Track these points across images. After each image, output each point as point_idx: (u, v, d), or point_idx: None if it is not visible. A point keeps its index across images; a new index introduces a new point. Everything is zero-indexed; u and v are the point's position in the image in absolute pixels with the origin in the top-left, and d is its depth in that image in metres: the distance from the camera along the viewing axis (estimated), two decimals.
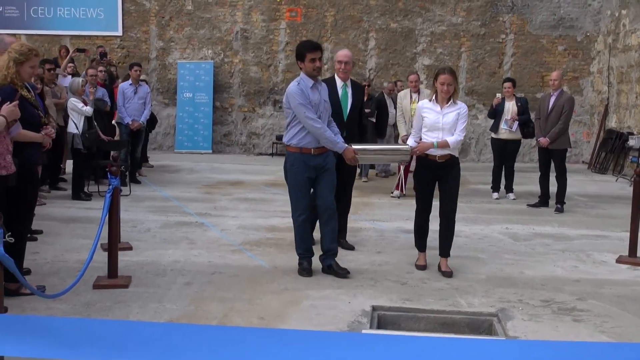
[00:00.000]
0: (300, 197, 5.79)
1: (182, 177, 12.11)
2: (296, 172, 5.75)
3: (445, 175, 5.93)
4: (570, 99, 9.58)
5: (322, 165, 5.78)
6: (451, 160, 5.92)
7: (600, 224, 8.54)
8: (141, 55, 16.64)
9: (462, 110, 5.89)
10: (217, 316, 4.76)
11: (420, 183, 6.05)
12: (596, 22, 16.09)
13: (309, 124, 5.60)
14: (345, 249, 6.67)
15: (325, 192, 5.82)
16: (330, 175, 5.87)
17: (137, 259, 6.17)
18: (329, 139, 5.68)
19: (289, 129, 5.79)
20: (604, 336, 4.58)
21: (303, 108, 5.59)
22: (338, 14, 16.42)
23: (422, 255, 6.20)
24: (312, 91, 5.69)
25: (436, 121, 5.86)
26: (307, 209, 5.84)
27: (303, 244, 5.87)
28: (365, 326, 4.69)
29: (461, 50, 16.35)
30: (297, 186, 5.78)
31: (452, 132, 5.85)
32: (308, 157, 5.71)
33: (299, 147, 5.71)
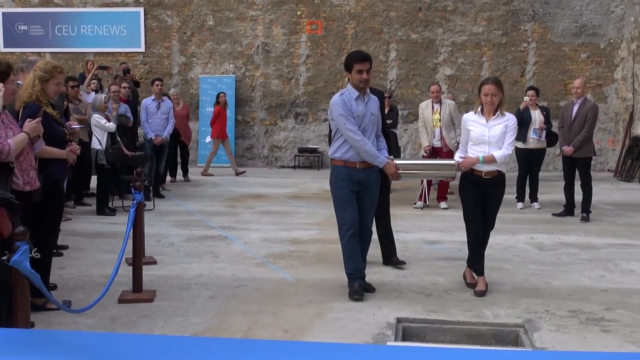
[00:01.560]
0: (347, 211, 5.54)
1: (205, 191, 12.17)
2: (340, 186, 5.56)
3: (491, 193, 5.66)
4: (593, 107, 9.49)
5: (366, 181, 5.57)
6: (498, 176, 5.65)
7: (627, 232, 8.43)
8: (163, 70, 16.81)
9: (510, 123, 5.58)
10: (242, 329, 4.76)
11: (468, 201, 5.70)
12: (619, 28, 15.94)
13: (349, 135, 5.42)
14: (397, 264, 6.50)
15: (365, 210, 5.63)
16: (373, 193, 5.67)
17: (161, 273, 6.20)
18: (369, 152, 5.45)
19: (334, 142, 5.62)
20: (633, 346, 4.50)
21: (343, 119, 5.43)
22: (358, 26, 16.45)
23: (481, 280, 5.73)
24: (356, 102, 5.48)
25: (482, 134, 5.57)
26: (354, 224, 5.54)
27: (352, 263, 5.55)
28: (390, 338, 4.66)
29: (483, 60, 16.29)
30: (342, 199, 5.57)
31: (499, 145, 5.55)
32: (353, 170, 5.52)
33: (343, 160, 5.54)
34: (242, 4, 16.72)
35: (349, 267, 5.56)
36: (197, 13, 16.84)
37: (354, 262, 5.54)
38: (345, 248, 5.57)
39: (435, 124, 10.18)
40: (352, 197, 5.54)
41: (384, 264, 6.52)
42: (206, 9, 16.80)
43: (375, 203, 5.73)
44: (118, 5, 17.03)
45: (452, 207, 10.16)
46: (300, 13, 16.61)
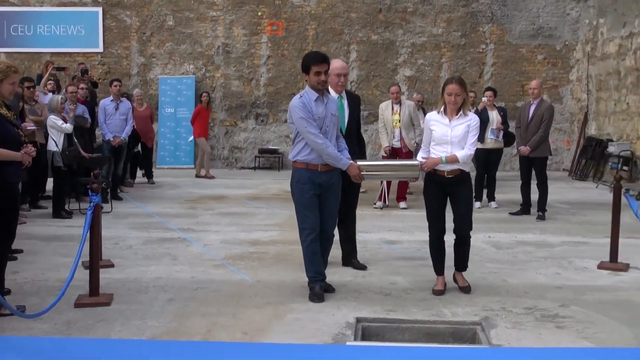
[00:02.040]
0: (308, 215, 5.47)
1: (164, 192, 12.06)
2: (302, 189, 5.46)
3: (455, 192, 5.61)
4: (550, 108, 9.66)
5: (328, 184, 5.49)
6: (461, 175, 5.58)
7: (581, 230, 8.60)
8: (122, 71, 16.62)
9: (472, 122, 5.53)
10: (201, 332, 4.73)
11: (430, 200, 5.67)
12: (574, 31, 16.27)
13: (310, 138, 5.32)
14: (358, 269, 6.44)
15: (327, 213, 5.55)
16: (335, 197, 5.59)
17: (119, 276, 6.12)
18: (332, 155, 5.37)
19: (295, 145, 5.52)
20: (586, 342, 4.59)
21: (304, 122, 5.32)
22: (319, 27, 16.49)
23: (441, 280, 5.74)
24: (316, 104, 5.39)
25: (444, 134, 5.51)
26: (315, 228, 5.47)
27: (313, 267, 5.51)
28: (350, 338, 4.67)
29: (442, 61, 16.47)
30: (303, 203, 5.48)
31: (461, 145, 5.50)
32: (314, 173, 5.43)
33: (305, 162, 5.44)
34: (203, 4, 16.63)
35: (310, 270, 5.52)
36: (157, 13, 16.69)
37: (315, 265, 5.51)
38: (306, 252, 5.52)
39: (395, 124, 10.26)
40: (314, 200, 5.47)
41: (343, 265, 6.53)
42: (166, 9, 16.66)
43: (337, 206, 5.65)
44: (76, 4, 16.78)
45: (412, 207, 10.25)
46: (261, 14, 16.58)
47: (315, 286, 5.48)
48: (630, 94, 13.39)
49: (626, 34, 13.58)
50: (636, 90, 13.12)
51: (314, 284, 5.50)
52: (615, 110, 14.11)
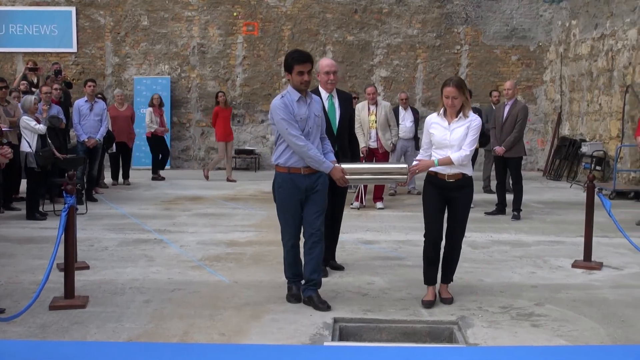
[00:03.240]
0: (290, 221, 5.31)
1: (140, 193, 11.98)
2: (285, 196, 5.28)
3: (456, 197, 5.33)
4: (524, 108, 9.75)
5: (312, 187, 5.27)
6: (463, 179, 5.32)
7: (556, 229, 8.70)
8: (96, 71, 16.49)
9: (472, 124, 5.25)
10: (178, 333, 4.70)
11: (429, 205, 5.40)
12: (547, 32, 16.45)
13: (291, 140, 5.11)
14: (334, 269, 6.40)
15: (313, 216, 5.30)
16: (321, 198, 5.34)
17: (94, 278, 6.07)
18: (314, 158, 5.15)
19: (277, 147, 5.31)
20: (561, 340, 4.64)
21: (285, 123, 5.12)
22: (295, 27, 16.49)
23: (431, 290, 5.44)
24: (298, 105, 5.19)
25: (443, 138, 5.26)
26: (297, 234, 5.36)
27: (291, 269, 5.46)
28: (327, 338, 4.68)
29: (417, 62, 16.56)
30: (285, 209, 5.30)
31: (461, 148, 5.26)
32: (297, 177, 5.22)
33: (287, 166, 5.23)
34: (178, 4, 16.55)
35: (289, 272, 5.48)
36: (131, 13, 16.58)
37: (294, 268, 5.46)
38: (287, 257, 5.45)
39: (371, 125, 10.30)
40: (297, 206, 5.28)
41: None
42: (140, 9, 16.55)
43: (324, 209, 5.41)
44: (48, 4, 16.61)
45: (389, 207, 10.29)
46: (236, 14, 16.54)
47: (292, 286, 5.47)
48: (602, 95, 13.57)
49: (598, 36, 13.76)
50: (608, 91, 13.30)
51: (291, 284, 5.49)
52: (588, 111, 14.30)
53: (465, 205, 5.43)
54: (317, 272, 5.38)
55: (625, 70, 12.52)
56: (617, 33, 12.86)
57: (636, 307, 5.37)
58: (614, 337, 4.68)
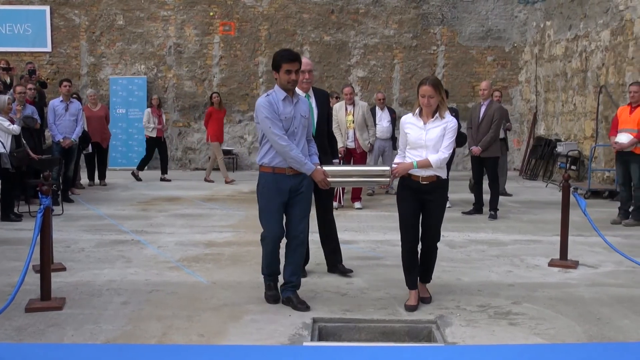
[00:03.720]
0: (271, 222, 5.21)
1: (116, 194, 11.89)
2: (268, 197, 5.18)
3: (430, 200, 5.25)
4: (500, 108, 9.84)
5: (297, 188, 5.19)
6: (437, 182, 5.24)
7: (532, 228, 8.78)
8: (72, 71, 16.34)
9: (448, 125, 5.17)
10: (156, 335, 4.67)
11: (404, 207, 5.30)
12: (522, 33, 16.61)
13: (274, 140, 5.04)
14: (344, 273, 6.25)
15: (296, 218, 5.27)
16: (305, 200, 5.28)
17: (71, 280, 6.01)
18: (295, 159, 5.07)
19: (261, 147, 5.21)
20: (538, 338, 4.68)
21: (269, 122, 5.04)
22: (272, 27, 16.48)
23: (413, 294, 5.34)
24: (284, 104, 5.10)
25: (419, 138, 5.17)
26: (279, 237, 5.27)
27: (269, 269, 5.41)
28: (307, 339, 4.68)
29: (394, 62, 16.62)
30: (269, 211, 5.20)
31: (437, 149, 5.15)
32: (282, 178, 5.14)
33: (271, 166, 5.15)
34: (153, 3, 16.45)
35: (267, 269, 5.43)
36: (107, 12, 16.45)
37: (272, 268, 5.40)
38: (265, 255, 5.36)
39: (349, 125, 10.32)
40: (280, 208, 5.20)
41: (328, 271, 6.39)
42: (116, 8, 16.43)
43: (307, 211, 5.36)
44: (22, 3, 16.42)
45: (367, 207, 10.32)
46: (212, 14, 16.48)
47: (270, 284, 5.45)
48: (577, 95, 13.72)
49: (572, 37, 13.91)
50: (582, 92, 13.46)
51: (268, 282, 5.47)
52: (562, 111, 14.45)
53: (439, 207, 5.36)
54: (297, 275, 5.39)
55: (599, 70, 12.67)
56: (590, 34, 13.01)
57: (611, 305, 5.44)
58: (590, 335, 4.74)
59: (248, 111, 16.37)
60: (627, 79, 11.30)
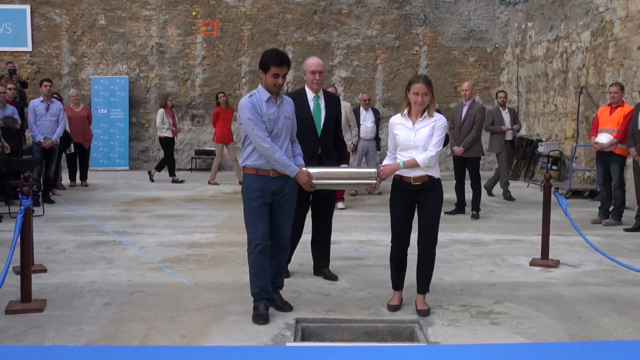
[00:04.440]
0: (257, 225, 5.04)
1: (98, 195, 11.82)
2: (252, 197, 5.04)
3: (423, 201, 5.14)
4: (482, 109, 9.89)
5: (280, 191, 5.09)
6: (429, 182, 5.12)
7: (514, 228, 8.84)
8: (52, 71, 16.21)
9: (437, 123, 5.06)
10: (138, 336, 4.66)
11: (395, 210, 5.21)
12: (504, 34, 16.71)
13: (257, 142, 4.93)
14: (328, 279, 6.17)
15: (280, 221, 5.16)
16: (289, 204, 5.19)
17: (52, 281, 5.97)
18: (279, 161, 4.95)
19: (245, 148, 5.08)
20: (520, 337, 4.72)
21: (251, 123, 4.92)
22: (254, 27, 16.45)
23: (397, 295, 5.34)
24: (267, 105, 4.99)
25: (408, 139, 5.07)
26: (264, 239, 5.06)
27: (258, 282, 5.07)
28: (290, 339, 4.68)
29: (377, 63, 16.66)
30: (252, 212, 5.05)
31: (426, 149, 5.05)
32: (266, 180, 5.03)
33: (255, 167, 5.03)
34: (135, 3, 16.37)
35: (255, 286, 5.10)
36: (88, 12, 16.34)
37: (261, 280, 5.08)
38: (253, 265, 5.09)
39: None
40: (264, 210, 5.06)
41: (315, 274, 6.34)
42: (97, 7, 16.32)
43: (291, 215, 5.26)
44: (2, 1, 16.26)
45: (349, 207, 10.34)
46: (195, 14, 16.43)
47: (259, 305, 5.06)
48: (558, 96, 13.83)
49: (553, 38, 14.02)
50: (563, 92, 13.56)
51: (258, 303, 5.08)
52: (544, 112, 14.56)
53: (433, 208, 5.20)
54: (280, 276, 5.35)
55: (580, 71, 12.78)
56: (571, 35, 13.12)
57: (592, 304, 5.49)
58: (571, 334, 4.79)
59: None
60: (607, 79, 11.40)
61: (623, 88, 9.31)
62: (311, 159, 5.78)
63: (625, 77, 10.74)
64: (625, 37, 10.83)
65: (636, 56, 10.43)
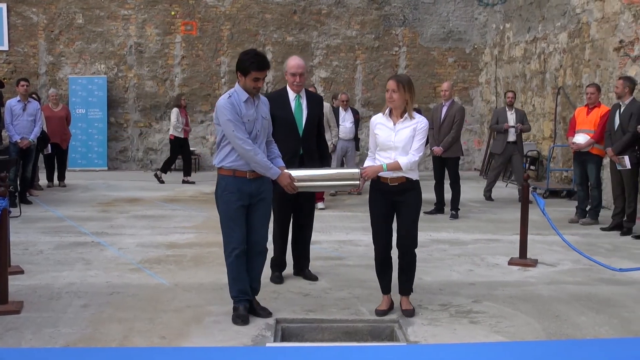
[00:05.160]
0: (234, 228, 4.95)
1: (76, 195, 11.72)
2: (228, 200, 4.94)
3: (401, 202, 5.09)
4: (461, 109, 9.95)
5: (258, 193, 5.00)
6: (407, 184, 5.06)
7: (492, 228, 8.90)
8: (29, 70, 16.05)
9: (419, 126, 5.00)
10: (117, 338, 4.63)
11: (374, 211, 5.17)
12: (483, 35, 16.82)
13: (237, 144, 4.82)
14: (308, 279, 6.17)
15: (257, 225, 5.07)
16: (266, 206, 5.11)
17: (29, 283, 5.91)
18: (260, 163, 4.87)
19: (220, 149, 4.97)
20: (499, 336, 4.75)
21: (232, 125, 4.81)
22: (234, 27, 16.41)
23: (385, 299, 5.27)
24: (246, 105, 4.90)
25: (388, 139, 5.02)
26: (241, 243, 4.97)
27: (237, 285, 5.02)
28: (270, 339, 4.68)
29: (357, 63, 16.69)
30: (229, 216, 4.95)
31: (406, 151, 4.99)
32: (243, 181, 4.92)
33: (232, 169, 4.92)
34: (114, 2, 16.26)
35: (234, 289, 5.04)
36: (66, 11, 16.20)
37: (239, 283, 5.02)
38: (230, 269, 5.02)
39: None
40: (241, 213, 4.97)
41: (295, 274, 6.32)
42: (75, 6, 16.19)
43: (269, 217, 5.20)
44: None
45: (329, 207, 10.35)
46: (174, 13, 16.35)
47: (239, 306, 5.02)
48: (536, 96, 13.95)
49: (531, 39, 14.14)
50: (541, 93, 13.68)
51: (237, 304, 5.04)
52: None
53: (411, 208, 5.14)
54: (257, 282, 5.23)
55: (557, 72, 12.90)
56: (548, 36, 13.24)
57: (569, 302, 5.55)
58: (549, 332, 4.83)
59: (210, 111, 16.27)
60: (584, 80, 11.52)
61: (600, 89, 9.42)
62: (293, 159, 5.78)
63: (602, 78, 10.86)
64: (601, 38, 10.95)
65: (612, 57, 10.55)
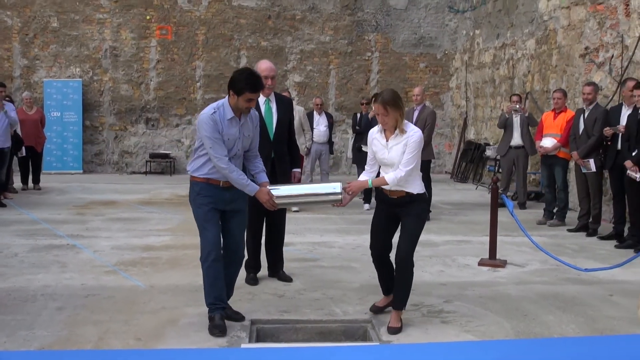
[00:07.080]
0: (209, 230, 4.87)
1: (51, 198, 11.68)
2: (202, 202, 4.87)
3: (403, 214, 4.99)
4: (432, 113, 10.08)
5: (231, 201, 4.95)
6: (407, 197, 4.94)
7: (463, 229, 9.05)
8: (4, 73, 15.94)
9: (410, 139, 4.83)
10: (92, 340, 4.66)
11: (374, 219, 5.21)
12: (453, 41, 17.05)
13: (215, 162, 4.75)
14: (283, 280, 6.21)
15: (233, 232, 5.03)
16: (241, 216, 5.07)
17: (3, 286, 5.91)
18: (237, 181, 4.79)
19: (196, 158, 4.90)
20: (469, 335, 4.85)
21: (209, 142, 4.72)
22: (209, 32, 16.44)
23: (383, 299, 5.34)
24: (229, 123, 4.79)
25: (382, 156, 4.96)
26: (217, 246, 4.88)
27: (214, 292, 4.90)
28: (244, 340, 4.73)
29: (330, 68, 16.82)
30: (203, 218, 4.88)
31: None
32: (216, 189, 4.87)
33: (205, 177, 4.86)
34: (89, 6, 16.21)
35: (210, 296, 4.92)
36: (40, 14, 16.11)
37: (216, 290, 4.91)
38: (207, 274, 4.89)
39: None
40: (215, 215, 4.90)
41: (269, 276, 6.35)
42: (50, 10, 16.11)
43: (244, 227, 5.18)
44: None
45: (304, 209, 10.42)
46: (149, 17, 16.35)
47: (215, 315, 4.88)
48: (504, 101, 14.16)
49: (499, 45, 14.37)
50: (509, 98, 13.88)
51: (213, 313, 4.90)
52: (491, 116, 14.89)
53: (413, 217, 4.98)
54: (231, 289, 5.22)
55: (525, 78, 13.13)
56: (517, 43, 13.47)
57: (537, 301, 5.68)
58: (518, 331, 4.94)
59: (185, 115, 16.30)
60: (551, 85, 11.75)
61: (566, 94, 9.64)
62: (265, 163, 5.80)
63: (568, 83, 11.09)
64: (567, 44, 11.19)
65: (578, 63, 10.79)
